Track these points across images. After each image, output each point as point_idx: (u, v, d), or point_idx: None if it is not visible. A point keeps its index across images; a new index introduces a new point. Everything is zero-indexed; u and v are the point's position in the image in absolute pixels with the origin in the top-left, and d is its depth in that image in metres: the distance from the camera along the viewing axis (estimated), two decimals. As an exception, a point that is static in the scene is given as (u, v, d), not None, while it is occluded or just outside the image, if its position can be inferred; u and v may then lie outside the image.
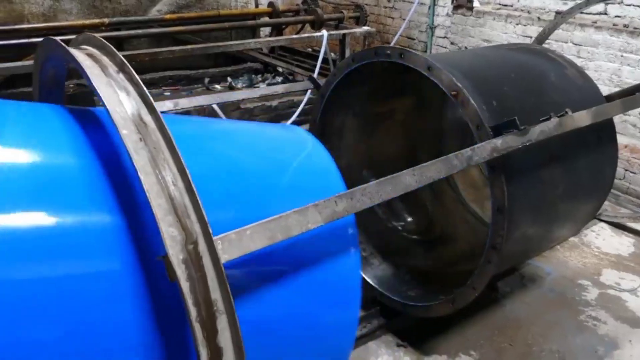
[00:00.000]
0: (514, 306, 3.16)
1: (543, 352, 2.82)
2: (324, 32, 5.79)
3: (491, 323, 3.00)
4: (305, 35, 6.16)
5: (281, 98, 5.88)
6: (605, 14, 4.94)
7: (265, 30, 7.57)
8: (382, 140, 3.31)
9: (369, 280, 2.93)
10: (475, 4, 6.36)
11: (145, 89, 1.38)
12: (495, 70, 2.68)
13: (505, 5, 5.99)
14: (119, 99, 1.37)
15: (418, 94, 3.33)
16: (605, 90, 3.56)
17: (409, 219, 3.36)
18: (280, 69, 6.88)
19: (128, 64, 1.44)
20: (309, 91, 5.65)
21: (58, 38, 4.83)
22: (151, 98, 1.37)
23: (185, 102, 2.70)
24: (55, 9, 6.31)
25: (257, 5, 7.35)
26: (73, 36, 5.28)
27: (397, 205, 3.32)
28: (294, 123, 5.65)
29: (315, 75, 4.64)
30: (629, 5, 4.74)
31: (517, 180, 2.22)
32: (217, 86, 6.48)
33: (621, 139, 3.45)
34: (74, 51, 1.50)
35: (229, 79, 6.74)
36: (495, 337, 2.89)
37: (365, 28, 6.34)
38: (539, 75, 2.74)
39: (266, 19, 6.75)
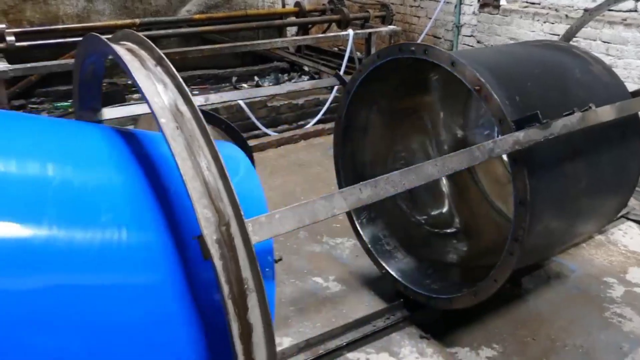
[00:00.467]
0: (538, 302, 3.17)
1: (566, 347, 2.83)
2: (350, 31, 5.87)
3: (514, 317, 3.02)
4: (332, 34, 6.25)
5: (307, 96, 5.98)
6: (635, 10, 4.90)
7: (292, 30, 7.67)
8: (406, 136, 3.36)
9: (392, 273, 2.99)
10: (502, 2, 6.35)
11: (181, 80, 1.47)
12: (519, 66, 2.71)
13: (533, 3, 5.97)
14: (157, 90, 1.46)
15: (442, 90, 3.37)
16: (634, 88, 3.54)
17: (433, 213, 3.40)
18: (306, 68, 6.98)
19: (165, 58, 1.53)
20: (335, 89, 5.73)
21: (93, 37, 4.91)
22: (187, 89, 1.45)
23: (216, 98, 2.79)
24: (89, 10, 6.51)
25: (283, 5, 7.46)
26: (105, 36, 5.45)
27: (421, 200, 3.37)
28: (319, 121, 5.75)
29: (341, 73, 4.72)
30: (660, 2, 4.70)
31: (540, 173, 2.25)
32: (245, 85, 6.61)
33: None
34: (115, 46, 1.60)
35: (255, 78, 6.87)
36: (518, 331, 2.91)
37: (391, 27, 6.40)
38: (564, 72, 2.76)
39: (293, 19, 6.86)
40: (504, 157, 3.48)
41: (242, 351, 1.34)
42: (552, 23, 5.68)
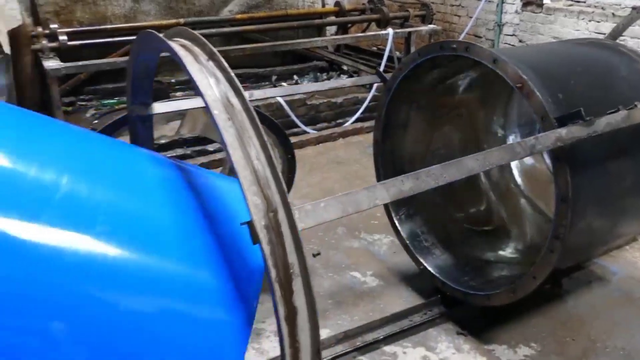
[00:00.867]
0: (578, 303, 3.14)
1: (607, 348, 2.79)
2: (390, 31, 5.89)
3: (553, 317, 3.00)
4: (371, 33, 6.28)
5: (346, 95, 6.02)
6: (685, 8, 4.75)
7: (331, 30, 7.73)
8: (446, 134, 3.37)
9: (430, 269, 3.01)
10: (546, 0, 6.25)
11: (232, 74, 1.54)
12: (561, 63, 2.69)
13: (578, 2, 5.87)
14: (210, 84, 1.54)
15: (483, 88, 3.36)
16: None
17: (471, 211, 3.40)
18: (345, 67, 7.02)
19: (217, 53, 1.60)
20: (374, 89, 5.77)
21: (135, 37, 5.13)
22: (238, 82, 1.53)
23: (260, 94, 2.88)
24: (135, 10, 6.72)
25: (323, 5, 7.52)
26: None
27: (459, 197, 3.37)
28: (358, 119, 5.79)
29: (380, 71, 4.74)
30: None
31: (582, 171, 2.24)
32: (284, 84, 6.71)
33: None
34: (169, 42, 1.69)
35: (295, 77, 6.96)
36: (557, 331, 2.89)
37: (431, 26, 6.38)
38: (608, 69, 2.72)
39: (332, 18, 6.91)
40: (545, 156, 3.47)
41: (287, 333, 1.41)
42: (598, 21, 5.56)
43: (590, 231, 2.52)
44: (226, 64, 1.57)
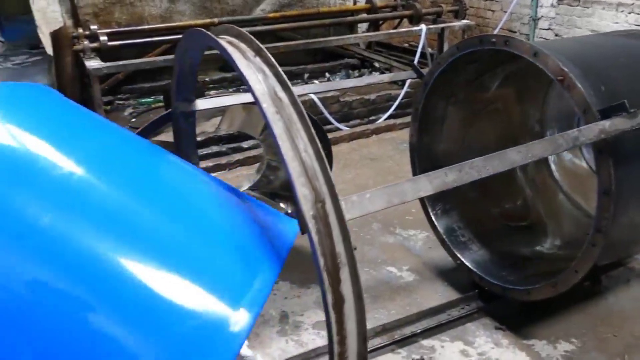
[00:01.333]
0: (619, 299, 3.09)
1: (650, 345, 2.75)
2: (423, 27, 5.87)
3: (594, 314, 2.96)
4: (404, 29, 6.27)
5: (379, 92, 6.03)
6: None
7: (362, 27, 7.73)
8: (483, 128, 3.36)
9: (467, 264, 3.01)
10: (582, -7, 6.14)
11: (279, 69, 1.59)
12: (603, 55, 2.66)
13: (616, -6, 5.74)
14: (258, 79, 1.59)
15: (519, 82, 3.34)
16: None
17: (507, 206, 3.38)
18: (376, 64, 7.02)
19: (264, 49, 1.65)
20: (407, 85, 5.76)
21: (172, 37, 5.28)
22: (285, 77, 1.57)
23: (297, 90, 2.92)
24: (171, 11, 6.84)
25: (355, 2, 7.53)
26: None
27: (495, 193, 3.35)
28: (390, 116, 5.79)
29: (414, 68, 4.74)
30: None
31: (626, 164, 2.21)
32: (316, 82, 6.74)
33: None
34: (218, 39, 1.74)
35: (326, 74, 6.99)
36: (598, 327, 2.86)
37: (464, 22, 6.34)
38: (652, 61, 2.67)
39: (364, 15, 6.92)
40: (584, 150, 3.43)
41: (335, 320, 1.45)
42: (638, 14, 5.43)
43: (633, 226, 2.49)
44: (273, 59, 1.62)
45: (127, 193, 1.54)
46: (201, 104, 2.55)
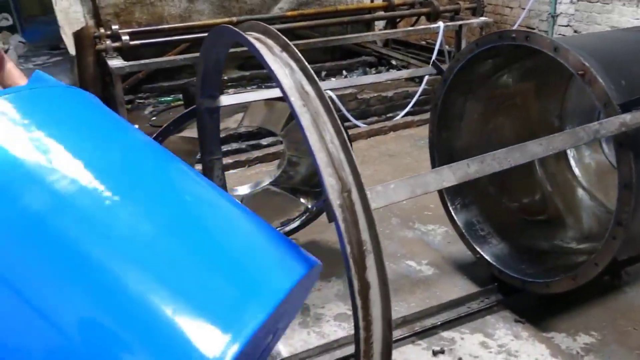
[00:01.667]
0: (639, 294, 3.10)
1: (671, 339, 2.76)
2: (440, 24, 5.88)
3: (613, 308, 2.97)
4: (422, 27, 6.28)
5: (396, 89, 6.06)
6: None
7: (379, 25, 7.75)
8: (501, 124, 3.38)
9: (487, 257, 3.04)
10: (602, -11, 6.10)
11: (306, 64, 1.64)
12: (623, 50, 2.66)
13: (636, -11, 5.70)
14: (285, 73, 1.64)
15: (539, 78, 3.35)
16: None
17: (525, 201, 3.40)
18: (393, 62, 7.05)
19: (291, 44, 1.70)
20: (424, 82, 5.78)
21: (191, 36, 5.35)
22: (312, 71, 1.62)
23: (323, 85, 2.97)
24: (190, 10, 6.94)
25: (372, 0, 7.55)
26: (204, 34, 5.82)
27: (513, 187, 3.37)
28: (408, 113, 5.82)
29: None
30: None
31: (646, 157, 2.22)
32: (333, 79, 6.79)
33: None
34: (245, 35, 1.80)
35: (344, 72, 7.03)
36: (617, 321, 2.87)
37: (482, 19, 6.33)
38: (673, 56, 2.67)
39: (381, 13, 6.94)
40: (604, 145, 3.43)
41: (361, 306, 1.49)
42: (658, 9, 5.40)
43: (654, 219, 2.49)
44: (299, 54, 1.67)
45: (138, 209, 1.45)
46: (225, 100, 2.61)
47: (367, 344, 1.53)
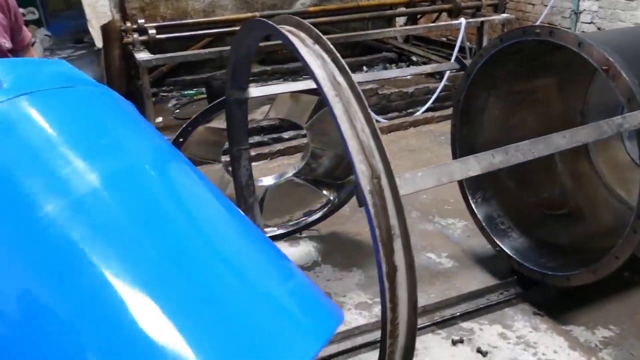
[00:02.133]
0: (659, 290, 3.12)
1: (691, 334, 2.78)
2: (462, 20, 5.90)
3: (633, 302, 2.99)
4: (443, 23, 6.30)
5: (417, 85, 6.09)
6: None
7: (400, 21, 7.78)
8: (523, 119, 3.41)
9: (507, 250, 3.08)
10: (627, -14, 6.07)
11: (338, 55, 1.71)
12: (648, 47, 2.69)
13: (662, -14, 5.66)
14: (318, 64, 1.71)
15: (562, 74, 3.38)
16: None
17: (545, 196, 3.42)
18: (414, 58, 7.08)
19: (323, 37, 1.77)
20: (445, 78, 5.81)
21: (215, 31, 5.46)
22: (343, 62, 1.69)
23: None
24: (214, 5, 7.03)
25: (393, -4, 7.58)
26: (228, 29, 5.88)
27: (533, 183, 3.40)
28: (428, 109, 5.85)
29: (452, 61, 4.79)
30: None
31: (669, 152, 2.25)
32: (357, 74, 6.83)
33: None
34: (279, 28, 1.87)
35: (364, 68, 7.08)
36: (637, 315, 2.89)
37: (504, 15, 6.33)
38: (698, 52, 2.68)
39: (403, 9, 6.97)
40: (626, 142, 3.45)
41: (388, 288, 1.56)
42: (684, 7, 5.35)
43: (675, 214, 2.51)
44: (332, 46, 1.73)
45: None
46: (254, 91, 2.69)
47: (393, 325, 1.59)
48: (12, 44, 2.50)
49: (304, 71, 6.72)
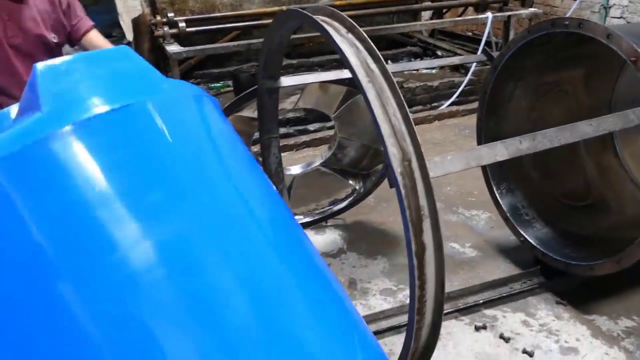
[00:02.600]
0: (684, 282, 3.12)
1: None
2: (489, 14, 5.90)
3: (657, 294, 3.02)
4: (470, 17, 6.31)
5: (442, 79, 6.12)
6: None
7: (425, 15, 7.78)
8: (549, 112, 3.43)
9: (531, 240, 3.12)
10: (657, -20, 5.99)
11: (371, 43, 1.78)
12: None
13: (693, -20, 5.58)
14: (352, 52, 1.78)
15: (590, 66, 3.39)
16: None
17: (569, 187, 3.44)
18: (439, 53, 7.09)
19: (357, 26, 1.84)
20: (470, 72, 5.83)
21: (242, 24, 5.57)
22: (377, 51, 1.76)
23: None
24: (241, -1, 7.14)
25: (420, -10, 7.58)
26: (255, 22, 5.94)
27: (557, 174, 3.43)
28: (453, 103, 5.88)
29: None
30: None
31: (696, 143, 2.27)
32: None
33: None
34: (314, 17, 1.94)
35: (389, 62, 7.11)
36: (660, 307, 2.92)
37: (532, 10, 6.31)
38: None
39: (429, 3, 6.98)
40: (654, 135, 3.45)
41: (416, 266, 1.63)
42: None
43: (701, 206, 2.53)
44: (365, 35, 1.81)
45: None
46: (285, 81, 2.77)
47: (421, 302, 1.67)
48: (61, 38, 2.68)
49: (329, 65, 6.81)
